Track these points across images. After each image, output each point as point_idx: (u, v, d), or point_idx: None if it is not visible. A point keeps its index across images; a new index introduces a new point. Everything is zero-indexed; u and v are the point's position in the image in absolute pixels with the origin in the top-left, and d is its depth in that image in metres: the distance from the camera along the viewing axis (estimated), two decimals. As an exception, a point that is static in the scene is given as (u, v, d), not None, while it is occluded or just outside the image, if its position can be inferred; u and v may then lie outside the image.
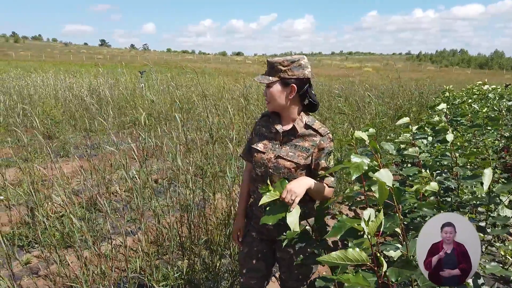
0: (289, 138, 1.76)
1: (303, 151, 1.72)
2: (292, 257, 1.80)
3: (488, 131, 3.61)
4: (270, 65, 1.71)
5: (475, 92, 7.42)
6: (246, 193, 2.00)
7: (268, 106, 1.77)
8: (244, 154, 1.99)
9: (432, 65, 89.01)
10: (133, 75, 15.22)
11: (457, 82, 23.54)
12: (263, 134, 1.83)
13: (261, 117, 1.91)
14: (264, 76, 1.73)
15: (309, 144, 1.73)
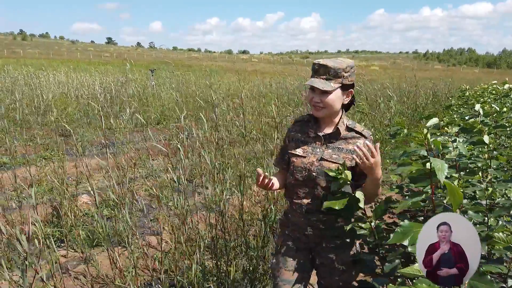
0: (331, 141, 1.73)
1: (347, 153, 1.69)
2: (333, 262, 1.75)
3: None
4: (330, 70, 1.63)
5: (492, 91, 7.34)
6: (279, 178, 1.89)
7: (320, 112, 1.70)
8: (277, 161, 1.95)
9: (439, 64, 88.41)
10: (140, 72, 15.26)
11: (466, 81, 23.35)
12: (299, 139, 1.80)
13: (294, 123, 1.87)
14: (324, 81, 1.64)
15: (353, 146, 1.70)
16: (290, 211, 1.84)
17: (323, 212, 1.70)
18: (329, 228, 1.74)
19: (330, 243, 1.76)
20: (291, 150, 1.81)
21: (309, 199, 1.73)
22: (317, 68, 1.66)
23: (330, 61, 1.65)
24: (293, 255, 1.81)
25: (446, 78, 14.90)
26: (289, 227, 1.86)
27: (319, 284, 1.88)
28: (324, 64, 1.64)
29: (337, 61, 1.65)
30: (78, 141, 6.47)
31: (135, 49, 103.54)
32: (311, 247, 1.82)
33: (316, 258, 1.82)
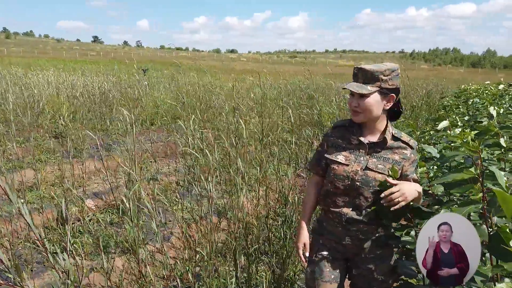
0: (375, 150, 1.67)
1: (394, 164, 1.64)
2: (373, 273, 1.71)
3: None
4: (368, 74, 1.60)
5: (486, 92, 7.43)
6: (312, 206, 1.89)
7: (358, 117, 1.66)
8: (312, 166, 1.88)
9: (425, 63, 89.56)
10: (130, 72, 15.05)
11: (453, 81, 23.69)
12: (340, 146, 1.73)
13: (333, 128, 1.81)
14: (361, 85, 1.60)
15: (399, 157, 1.66)
16: (326, 220, 1.79)
17: (364, 222, 1.65)
18: (369, 238, 1.69)
19: (370, 254, 1.71)
20: (331, 156, 1.74)
21: (349, 209, 1.67)
22: (356, 72, 1.63)
23: (369, 65, 1.61)
24: (330, 266, 1.75)
25: (437, 78, 15.06)
26: (324, 235, 1.80)
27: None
28: (362, 68, 1.61)
29: (378, 64, 1.61)
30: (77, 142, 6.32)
31: (122, 48, 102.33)
32: (348, 257, 1.77)
33: (353, 269, 1.77)
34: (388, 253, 1.73)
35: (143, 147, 6.07)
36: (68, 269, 1.87)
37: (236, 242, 2.45)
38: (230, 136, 3.77)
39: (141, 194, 4.02)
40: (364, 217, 1.65)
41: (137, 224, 3.00)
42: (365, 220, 1.65)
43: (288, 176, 3.63)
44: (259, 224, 2.66)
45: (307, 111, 5.86)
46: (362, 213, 1.65)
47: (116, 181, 4.51)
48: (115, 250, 3.11)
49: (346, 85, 1.63)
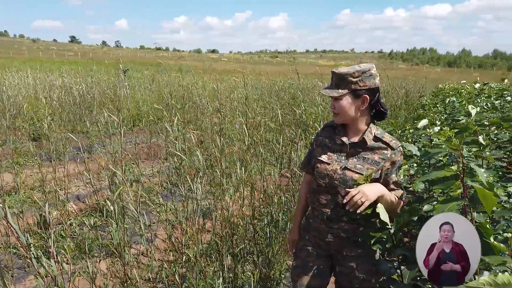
0: (357, 150, 1.71)
1: (372, 164, 1.67)
2: (354, 271, 1.74)
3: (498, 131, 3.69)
4: (339, 77, 1.65)
5: (463, 91, 7.64)
6: (303, 206, 1.97)
7: (337, 119, 1.72)
8: (304, 165, 1.95)
9: (403, 63, 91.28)
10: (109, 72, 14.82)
11: (430, 80, 24.24)
12: (326, 145, 1.79)
13: (323, 128, 1.87)
14: (332, 89, 1.67)
15: (379, 157, 1.68)
16: (312, 217, 1.84)
17: (345, 220, 1.70)
18: (350, 236, 1.73)
19: (352, 252, 1.75)
20: (317, 155, 1.80)
21: (331, 207, 1.72)
22: (331, 77, 1.69)
23: (342, 68, 1.66)
24: (313, 261, 1.80)
25: (416, 77, 15.36)
26: (310, 232, 1.85)
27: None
28: (333, 71, 1.67)
29: (351, 66, 1.66)
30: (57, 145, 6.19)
31: (101, 48, 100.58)
32: (332, 254, 1.81)
33: (336, 266, 1.81)
34: (370, 253, 1.75)
35: (125, 149, 5.99)
36: (55, 275, 1.85)
37: (222, 242, 2.46)
38: (214, 136, 3.76)
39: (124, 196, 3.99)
40: (344, 216, 1.69)
41: (122, 227, 2.97)
42: (345, 219, 1.70)
43: (273, 176, 3.66)
44: (245, 224, 2.67)
45: (290, 111, 5.90)
46: (341, 211, 1.69)
47: (98, 183, 4.45)
48: (99, 254, 3.07)
49: (321, 90, 1.71)
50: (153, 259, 2.42)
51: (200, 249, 2.71)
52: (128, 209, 3.79)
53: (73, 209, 3.72)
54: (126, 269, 2.39)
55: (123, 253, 2.41)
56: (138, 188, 3.00)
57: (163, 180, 4.76)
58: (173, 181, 4.59)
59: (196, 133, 5.16)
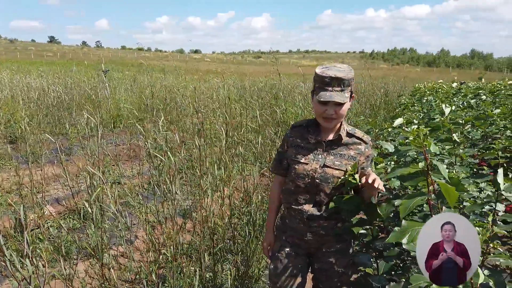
0: (332, 147, 1.74)
1: (349, 160, 1.72)
2: (333, 266, 1.79)
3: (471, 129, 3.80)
4: (344, 82, 1.62)
5: (440, 90, 7.83)
6: (276, 207, 1.95)
7: (331, 123, 1.69)
8: (275, 167, 1.92)
9: (384, 63, 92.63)
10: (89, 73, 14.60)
11: (410, 79, 24.68)
12: (299, 146, 1.79)
13: (292, 128, 1.86)
14: (341, 94, 1.62)
15: (354, 152, 1.73)
16: (288, 217, 1.84)
17: (324, 217, 1.73)
18: (329, 233, 1.76)
19: (331, 248, 1.79)
20: (291, 156, 1.79)
21: (310, 205, 1.74)
22: (329, 81, 1.61)
23: (340, 72, 1.62)
24: (292, 261, 1.82)
25: (396, 77, 15.61)
26: (286, 232, 1.86)
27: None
28: (337, 77, 1.60)
29: (344, 70, 1.65)
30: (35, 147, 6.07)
31: (81, 48, 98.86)
32: (310, 252, 1.84)
33: (315, 263, 1.84)
34: (347, 246, 1.82)
35: (105, 150, 5.91)
36: (29, 276, 1.82)
37: (201, 242, 2.46)
38: (195, 137, 3.76)
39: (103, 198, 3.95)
40: (324, 213, 1.72)
41: (100, 228, 2.94)
42: (325, 215, 1.72)
43: (253, 175, 3.68)
44: (224, 224, 2.68)
45: (271, 111, 5.94)
46: (323, 209, 1.72)
47: (77, 185, 4.39)
48: (78, 256, 3.03)
49: (327, 97, 1.61)
50: (131, 259, 2.41)
51: (180, 249, 2.71)
52: (107, 211, 3.76)
53: (50, 212, 3.66)
54: (103, 271, 2.38)
55: (101, 255, 2.39)
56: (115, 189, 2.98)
57: (144, 181, 4.72)
58: (154, 182, 4.56)
59: (177, 134, 5.14)
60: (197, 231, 2.62)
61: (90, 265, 2.56)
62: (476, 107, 5.78)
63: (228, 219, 2.76)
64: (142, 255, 2.87)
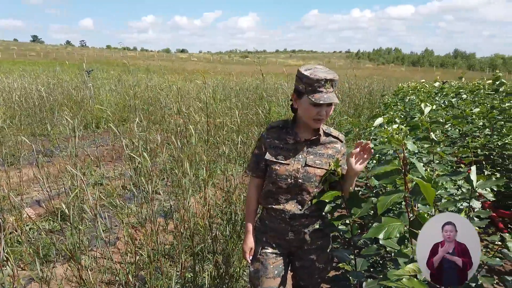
0: (311, 146, 1.75)
1: (328, 158, 1.74)
2: (315, 263, 1.81)
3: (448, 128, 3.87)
4: (335, 83, 1.65)
5: (422, 90, 7.94)
6: (254, 210, 1.92)
7: (319, 124, 1.70)
8: (252, 169, 1.89)
9: (370, 62, 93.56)
10: (73, 73, 14.40)
11: (395, 79, 25.00)
12: (278, 147, 1.78)
13: (268, 130, 1.84)
14: (335, 95, 1.65)
15: (332, 151, 1.76)
16: (268, 218, 1.83)
17: (306, 216, 1.74)
18: (310, 230, 1.78)
19: (312, 245, 1.80)
20: (271, 157, 1.78)
21: (292, 205, 1.74)
22: (323, 83, 1.61)
23: (329, 74, 1.64)
24: (273, 262, 1.81)
25: (381, 76, 15.79)
26: (267, 233, 1.85)
27: (298, 286, 1.92)
28: (330, 79, 1.61)
29: (331, 72, 1.66)
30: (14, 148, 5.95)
31: (65, 48, 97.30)
32: (291, 251, 1.85)
33: (296, 261, 1.85)
34: (327, 243, 1.84)
35: (86, 151, 5.84)
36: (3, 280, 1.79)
37: (181, 243, 2.45)
38: (178, 137, 3.73)
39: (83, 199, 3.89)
40: (306, 211, 1.74)
41: (79, 230, 2.90)
42: (307, 213, 1.74)
43: (234, 175, 3.67)
44: (205, 224, 2.67)
45: (255, 111, 5.94)
46: (304, 208, 1.73)
47: (57, 187, 4.32)
48: (56, 258, 2.99)
49: (325, 99, 1.61)
50: (110, 261, 2.39)
51: (159, 249, 2.69)
52: (86, 212, 3.71)
53: (29, 214, 3.60)
54: (81, 272, 2.35)
55: (78, 256, 2.36)
56: (96, 191, 2.95)
57: (126, 183, 4.68)
58: (136, 183, 4.53)
59: (160, 135, 5.11)
60: (178, 232, 2.61)
61: (69, 267, 2.53)
62: (456, 106, 5.88)
63: (209, 219, 2.75)
64: (122, 256, 2.84)
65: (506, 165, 3.70)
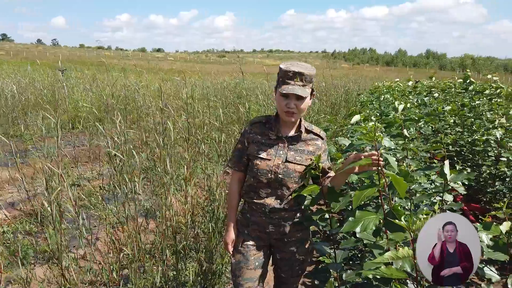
0: (292, 143, 1.81)
1: (309, 155, 1.80)
2: (295, 254, 1.87)
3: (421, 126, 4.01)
4: (305, 77, 1.70)
5: (397, 89, 8.17)
6: (236, 204, 1.96)
7: (292, 118, 1.74)
8: (234, 163, 1.94)
9: (345, 62, 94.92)
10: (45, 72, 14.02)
11: (370, 78, 25.46)
12: (260, 142, 1.83)
13: (251, 125, 1.89)
14: (303, 88, 1.69)
15: (313, 147, 1.82)
16: (249, 211, 1.89)
17: (285, 209, 1.80)
18: (290, 224, 1.83)
19: (292, 237, 1.86)
20: (253, 152, 1.83)
21: (272, 199, 1.79)
22: (292, 76, 1.68)
23: (302, 68, 1.70)
24: (254, 254, 1.87)
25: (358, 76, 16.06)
26: (248, 226, 1.90)
27: (279, 277, 1.97)
28: (300, 72, 1.68)
29: (307, 67, 1.72)
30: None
31: (36, 47, 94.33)
32: (272, 243, 1.90)
33: (277, 254, 1.91)
34: (306, 235, 1.90)
35: (63, 151, 5.72)
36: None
37: (164, 241, 2.46)
38: (157, 136, 3.72)
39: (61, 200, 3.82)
40: (285, 205, 1.79)
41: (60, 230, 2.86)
42: (286, 207, 1.80)
43: (216, 173, 3.70)
44: (187, 222, 2.69)
45: (234, 109, 5.97)
46: (283, 202, 1.79)
47: (34, 188, 4.23)
48: (35, 260, 2.94)
49: (289, 90, 1.67)
50: (92, 260, 2.38)
51: (141, 247, 2.69)
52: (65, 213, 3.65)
53: (5, 216, 3.52)
54: (64, 272, 2.32)
55: (60, 256, 2.33)
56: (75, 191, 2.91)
57: (105, 183, 4.62)
58: (113, 182, 4.48)
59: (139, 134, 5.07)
60: (160, 231, 2.62)
61: (49, 268, 2.50)
62: (429, 104, 6.10)
63: (191, 216, 2.77)
64: (103, 256, 2.82)
65: (476, 161, 3.87)
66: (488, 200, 3.84)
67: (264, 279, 1.92)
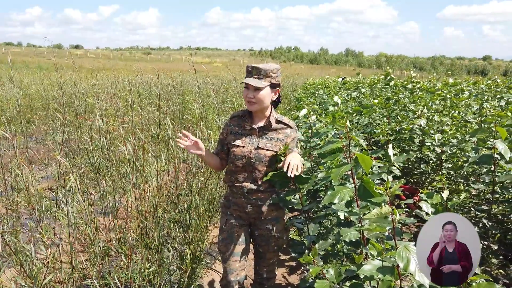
0: (264, 132, 2.10)
1: (278, 142, 2.09)
2: (270, 231, 2.14)
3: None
4: (261, 71, 1.98)
5: (331, 85, 8.76)
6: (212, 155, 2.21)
7: (252, 107, 2.03)
8: (217, 151, 2.24)
9: (272, 60, 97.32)
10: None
11: (297, 75, 26.57)
12: (237, 132, 2.13)
13: (231, 118, 2.20)
14: (257, 80, 1.98)
15: (282, 135, 2.11)
16: (231, 194, 2.15)
17: (261, 191, 2.07)
18: (265, 203, 2.10)
19: (268, 216, 2.13)
20: (230, 141, 2.11)
21: (248, 182, 2.06)
22: (250, 70, 2.00)
23: (262, 64, 1.99)
24: (237, 231, 2.13)
25: (287, 74, 16.70)
26: (230, 207, 2.16)
27: (258, 252, 2.25)
28: (256, 66, 1.98)
29: (265, 64, 2.01)
30: None
31: None
32: (251, 222, 2.16)
33: (255, 231, 2.17)
34: (281, 214, 2.18)
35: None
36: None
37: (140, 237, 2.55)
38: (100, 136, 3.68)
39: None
40: (261, 187, 2.06)
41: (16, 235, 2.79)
42: (261, 189, 2.07)
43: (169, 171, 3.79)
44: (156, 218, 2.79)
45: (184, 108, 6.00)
46: (259, 184, 2.05)
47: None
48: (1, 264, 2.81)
49: (245, 80, 1.98)
50: (60, 260, 2.39)
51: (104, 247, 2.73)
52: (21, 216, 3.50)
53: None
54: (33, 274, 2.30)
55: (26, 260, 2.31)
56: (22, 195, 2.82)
57: (51, 185, 4.45)
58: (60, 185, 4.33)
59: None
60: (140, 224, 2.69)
61: (16, 270, 2.44)
62: (358, 99, 6.70)
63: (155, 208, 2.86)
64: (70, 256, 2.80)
65: (403, 147, 4.42)
66: (415, 181, 4.40)
67: (247, 254, 2.19)
